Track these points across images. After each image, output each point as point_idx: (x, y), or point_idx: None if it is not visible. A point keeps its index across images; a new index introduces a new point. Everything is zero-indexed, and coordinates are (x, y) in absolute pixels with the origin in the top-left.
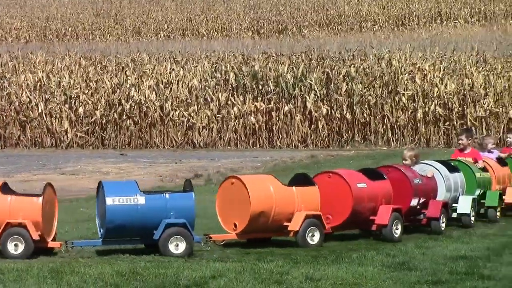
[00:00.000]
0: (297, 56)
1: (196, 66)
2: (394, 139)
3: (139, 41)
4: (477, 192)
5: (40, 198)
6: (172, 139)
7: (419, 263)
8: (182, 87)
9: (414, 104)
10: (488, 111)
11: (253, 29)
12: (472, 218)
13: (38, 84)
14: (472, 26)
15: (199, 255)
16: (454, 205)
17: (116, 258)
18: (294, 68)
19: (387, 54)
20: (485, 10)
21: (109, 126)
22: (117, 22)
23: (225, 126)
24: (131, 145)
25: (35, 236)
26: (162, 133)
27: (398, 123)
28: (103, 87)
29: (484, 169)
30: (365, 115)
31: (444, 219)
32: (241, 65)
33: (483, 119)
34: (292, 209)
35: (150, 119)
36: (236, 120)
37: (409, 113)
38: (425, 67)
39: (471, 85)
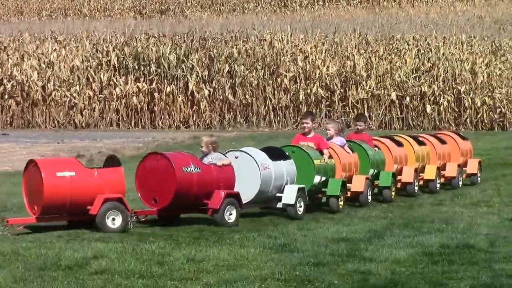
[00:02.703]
0: (179, 37)
1: (78, 46)
2: (276, 120)
3: (21, 21)
4: (318, 179)
5: None
6: (54, 119)
7: (301, 245)
8: (64, 67)
9: (296, 86)
10: (369, 93)
11: (135, 9)
12: (301, 209)
13: None
14: (354, 8)
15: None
16: (278, 194)
17: None
18: (176, 49)
19: (269, 35)
20: None
21: None
22: None
23: (107, 106)
24: (13, 125)
25: None
26: (44, 113)
27: (280, 105)
28: None
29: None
30: (247, 96)
31: (234, 211)
32: (123, 45)
33: (364, 101)
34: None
35: (32, 99)
36: (118, 101)
37: (291, 94)
38: (307, 49)
39: (353, 67)
